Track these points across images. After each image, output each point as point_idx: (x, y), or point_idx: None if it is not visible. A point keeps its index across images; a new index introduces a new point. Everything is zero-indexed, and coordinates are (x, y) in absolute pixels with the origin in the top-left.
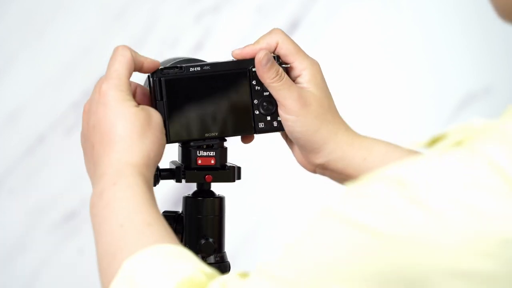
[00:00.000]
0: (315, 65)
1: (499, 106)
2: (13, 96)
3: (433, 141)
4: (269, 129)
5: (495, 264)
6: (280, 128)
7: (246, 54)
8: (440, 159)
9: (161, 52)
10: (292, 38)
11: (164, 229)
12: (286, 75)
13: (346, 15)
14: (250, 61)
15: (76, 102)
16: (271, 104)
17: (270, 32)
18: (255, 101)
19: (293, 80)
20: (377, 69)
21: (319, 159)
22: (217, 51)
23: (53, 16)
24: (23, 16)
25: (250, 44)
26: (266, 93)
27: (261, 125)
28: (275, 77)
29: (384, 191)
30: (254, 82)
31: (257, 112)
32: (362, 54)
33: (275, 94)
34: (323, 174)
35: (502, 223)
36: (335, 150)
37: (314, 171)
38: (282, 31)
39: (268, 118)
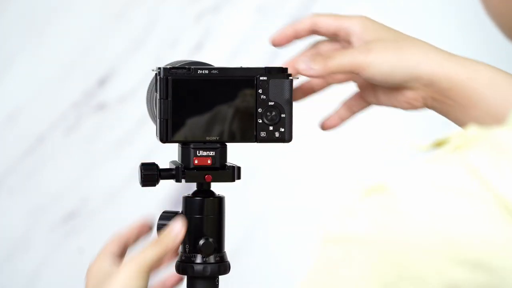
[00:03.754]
0: (362, 19)
1: None
2: (13, 96)
3: (437, 144)
4: (270, 139)
5: (480, 272)
6: (281, 139)
7: (284, 37)
8: (427, 166)
9: (161, 52)
10: None
11: None
12: (331, 52)
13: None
14: (258, 70)
15: (76, 102)
16: (274, 115)
17: (302, 21)
18: (259, 110)
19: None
20: None
21: (424, 80)
22: (217, 51)
23: (53, 16)
24: (23, 16)
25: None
26: (271, 103)
27: (263, 134)
28: (325, 59)
29: (370, 202)
30: (260, 91)
31: (260, 121)
32: None
33: (348, 65)
34: (433, 102)
35: (482, 233)
36: (434, 66)
37: (425, 104)
38: (316, 14)
39: (271, 128)
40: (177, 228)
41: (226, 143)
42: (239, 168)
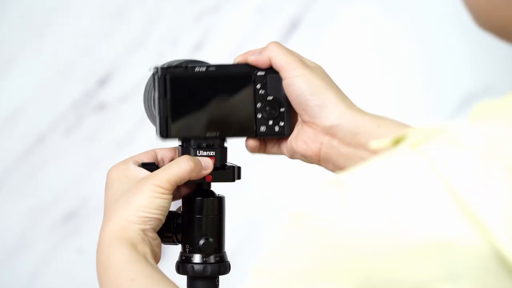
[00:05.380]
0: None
1: None
2: (13, 96)
3: (396, 141)
4: (270, 133)
5: (432, 268)
6: (281, 133)
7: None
8: (383, 161)
9: (161, 52)
10: (292, 38)
11: (150, 282)
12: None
13: (346, 15)
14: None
15: (76, 102)
16: (273, 109)
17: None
18: (258, 105)
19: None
20: (376, 69)
21: (330, 120)
22: (217, 51)
23: (53, 16)
24: (23, 16)
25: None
26: (269, 98)
27: (262, 128)
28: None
29: (327, 195)
30: (258, 86)
31: (260, 116)
32: (362, 54)
33: (277, 63)
34: (330, 148)
35: (436, 227)
36: (346, 113)
37: (319, 149)
38: (278, 45)
39: (270, 122)
40: (208, 161)
41: (226, 142)
42: (239, 168)
